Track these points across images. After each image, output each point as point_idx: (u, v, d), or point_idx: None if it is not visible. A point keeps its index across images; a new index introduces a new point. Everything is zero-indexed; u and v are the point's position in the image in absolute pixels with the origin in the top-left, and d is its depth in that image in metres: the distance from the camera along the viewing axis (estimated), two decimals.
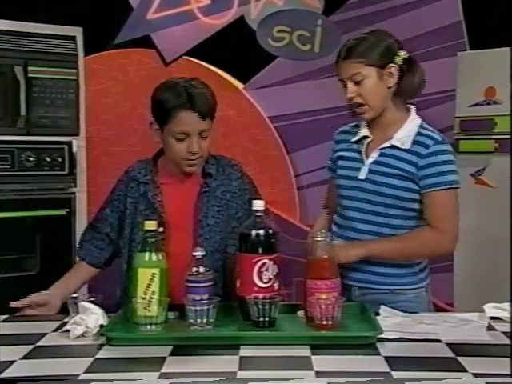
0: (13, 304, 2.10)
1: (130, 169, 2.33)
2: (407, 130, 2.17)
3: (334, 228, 2.30)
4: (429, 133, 2.17)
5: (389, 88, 2.16)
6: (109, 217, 2.30)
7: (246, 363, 1.64)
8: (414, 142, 2.15)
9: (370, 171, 2.19)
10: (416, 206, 2.16)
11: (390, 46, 2.16)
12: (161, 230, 2.13)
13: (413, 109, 2.23)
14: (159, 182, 2.26)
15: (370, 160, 2.19)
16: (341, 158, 2.29)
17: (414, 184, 2.14)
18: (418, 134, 2.16)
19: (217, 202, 2.24)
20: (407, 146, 2.15)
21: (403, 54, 2.17)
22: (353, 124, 2.32)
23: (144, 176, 2.27)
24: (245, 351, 1.73)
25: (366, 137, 2.23)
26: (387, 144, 2.18)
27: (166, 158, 2.28)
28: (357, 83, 2.13)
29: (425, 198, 2.14)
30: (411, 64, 2.19)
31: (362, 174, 2.20)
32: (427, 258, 2.23)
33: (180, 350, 1.74)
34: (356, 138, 2.26)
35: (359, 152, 2.24)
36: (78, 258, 2.35)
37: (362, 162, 2.22)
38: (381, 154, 2.18)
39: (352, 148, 2.27)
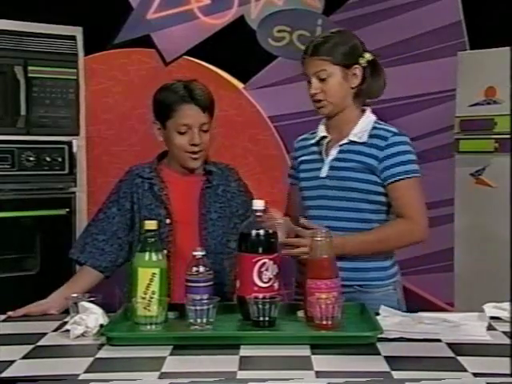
0: (10, 313, 2.10)
1: (134, 167, 2.36)
2: (363, 125, 2.22)
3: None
4: (384, 126, 2.23)
5: (351, 88, 2.21)
6: (116, 215, 2.30)
7: (245, 363, 1.64)
8: (371, 136, 2.19)
9: (331, 168, 2.22)
10: (381, 198, 2.19)
11: (356, 47, 2.21)
12: (168, 221, 2.24)
13: (368, 108, 2.27)
14: (164, 179, 2.32)
15: (330, 157, 2.23)
16: (302, 162, 2.33)
17: (375, 176, 2.16)
18: (374, 128, 2.21)
19: (218, 199, 2.31)
20: (364, 138, 2.19)
21: (368, 56, 2.22)
22: (311, 131, 2.36)
23: (149, 173, 2.32)
24: (245, 351, 1.72)
25: (324, 137, 2.27)
26: (345, 140, 2.21)
27: (169, 159, 2.34)
28: (321, 80, 2.18)
29: (390, 191, 2.16)
30: (375, 66, 2.23)
31: (323, 172, 2.22)
32: (401, 248, 2.22)
33: (180, 350, 1.74)
34: (315, 139, 2.29)
35: (319, 153, 2.27)
36: (77, 267, 2.30)
37: (322, 161, 2.25)
38: (340, 151, 2.22)
39: (312, 151, 2.30)
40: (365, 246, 2.16)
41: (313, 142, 2.30)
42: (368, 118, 2.24)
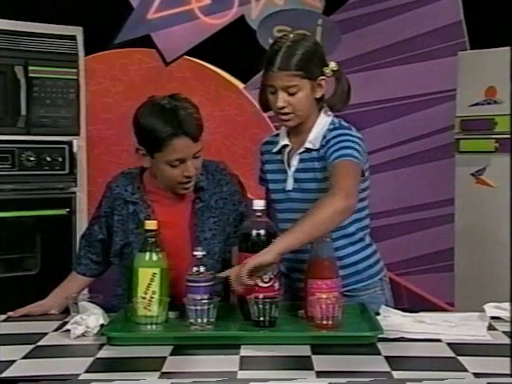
0: (10, 313, 2.10)
1: (114, 185, 2.26)
2: (317, 130, 2.15)
3: None
4: (331, 127, 2.14)
5: (315, 99, 2.14)
6: (98, 233, 2.28)
7: (246, 363, 1.64)
8: (323, 138, 2.13)
9: (296, 180, 2.17)
10: None
11: (323, 57, 2.14)
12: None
13: (322, 110, 2.18)
14: (149, 200, 2.21)
15: (293, 169, 2.17)
16: (268, 171, 2.28)
17: None
18: (327, 130, 2.14)
19: (212, 213, 2.22)
20: (318, 145, 2.14)
21: (333, 65, 2.14)
22: (275, 133, 2.31)
23: (132, 194, 2.22)
24: (245, 351, 1.73)
25: (286, 145, 2.21)
26: (302, 149, 2.16)
27: (151, 172, 2.21)
28: (290, 94, 2.08)
29: (328, 173, 2.06)
30: (339, 76, 2.16)
31: (289, 185, 2.18)
32: (335, 223, 1.96)
33: (180, 350, 1.74)
34: (277, 148, 2.23)
35: (282, 162, 2.22)
36: (75, 272, 2.31)
37: (286, 172, 2.19)
38: (300, 160, 2.16)
39: (275, 159, 2.25)
40: (300, 236, 1.91)
41: (275, 150, 2.23)
42: (323, 120, 2.16)
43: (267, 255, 1.86)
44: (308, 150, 2.16)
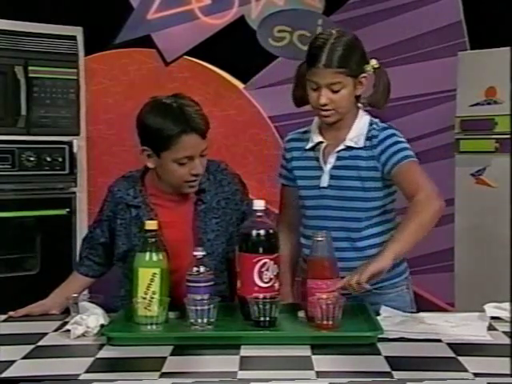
0: (11, 313, 2.10)
1: (116, 189, 2.25)
2: (358, 128, 2.16)
3: (302, 240, 2.24)
4: (375, 125, 2.17)
5: (355, 96, 2.14)
6: (100, 237, 2.28)
7: (246, 363, 1.64)
8: (367, 139, 2.14)
9: (332, 177, 2.15)
10: (379, 203, 2.14)
11: (365, 54, 2.14)
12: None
13: (360, 109, 2.20)
14: (151, 203, 2.20)
15: (329, 166, 2.16)
16: (297, 168, 2.25)
17: (377, 182, 2.12)
18: (369, 130, 2.16)
19: (214, 214, 2.21)
20: (361, 143, 2.14)
21: (374, 62, 2.15)
22: (302, 130, 2.29)
23: (134, 198, 2.20)
24: (245, 351, 1.73)
25: (320, 142, 2.20)
26: (342, 146, 2.15)
27: (153, 175, 2.21)
28: (333, 91, 2.08)
29: (395, 178, 2.09)
30: (380, 72, 2.17)
31: (324, 182, 2.16)
32: (435, 222, 2.11)
33: (181, 350, 1.74)
34: (310, 144, 2.21)
35: (316, 159, 2.19)
36: (77, 272, 2.31)
37: (320, 169, 2.18)
38: (338, 158, 2.15)
39: (307, 156, 2.22)
40: (409, 239, 2.00)
41: (308, 147, 2.21)
42: (363, 119, 2.17)
43: (384, 262, 1.91)
44: (348, 148, 2.15)
